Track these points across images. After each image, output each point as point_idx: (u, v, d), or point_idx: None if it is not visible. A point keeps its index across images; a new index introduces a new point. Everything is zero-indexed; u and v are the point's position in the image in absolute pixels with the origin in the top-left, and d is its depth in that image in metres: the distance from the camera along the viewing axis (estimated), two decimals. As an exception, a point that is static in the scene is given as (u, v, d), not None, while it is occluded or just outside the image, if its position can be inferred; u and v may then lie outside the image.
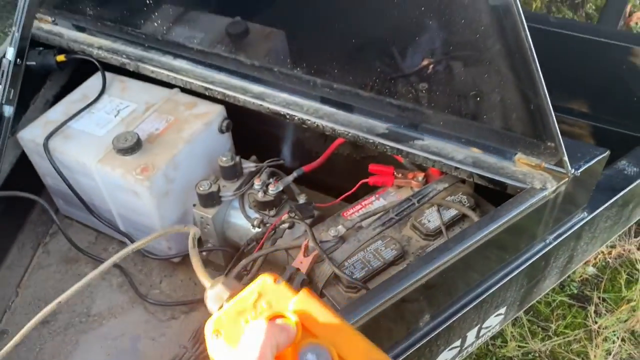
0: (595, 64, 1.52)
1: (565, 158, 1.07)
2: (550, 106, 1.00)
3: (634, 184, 1.36)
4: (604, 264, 2.15)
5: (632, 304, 1.98)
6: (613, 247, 2.19)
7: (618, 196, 1.34)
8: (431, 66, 1.17)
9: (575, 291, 2.06)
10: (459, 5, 1.00)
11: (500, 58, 1.01)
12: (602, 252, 2.18)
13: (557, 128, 1.02)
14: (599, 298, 2.03)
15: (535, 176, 1.11)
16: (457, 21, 1.02)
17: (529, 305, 1.48)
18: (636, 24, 3.33)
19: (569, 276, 2.10)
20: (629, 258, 2.16)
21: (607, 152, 1.16)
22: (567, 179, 1.10)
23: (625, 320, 1.95)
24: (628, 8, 3.43)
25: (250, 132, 1.59)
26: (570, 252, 1.37)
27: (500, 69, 1.03)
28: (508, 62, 1.00)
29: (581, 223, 1.28)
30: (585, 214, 1.29)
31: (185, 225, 1.01)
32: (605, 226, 1.41)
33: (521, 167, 1.13)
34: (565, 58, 1.51)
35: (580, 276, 2.11)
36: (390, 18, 1.14)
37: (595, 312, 1.98)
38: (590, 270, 2.13)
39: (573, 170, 1.09)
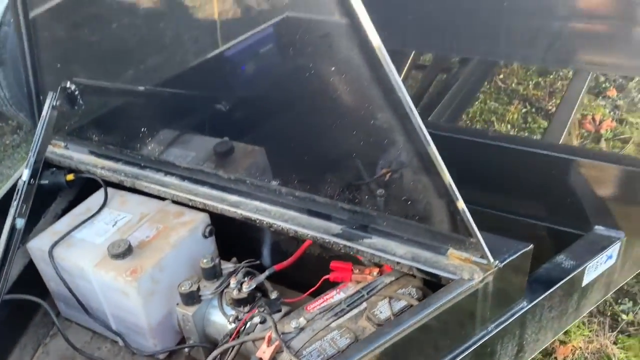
0: (530, 171, 1.72)
1: (487, 252, 1.23)
2: (465, 208, 1.18)
3: (571, 275, 1.50)
4: (582, 359, 2.21)
5: (609, 397, 2.02)
6: (591, 342, 2.26)
7: (556, 287, 1.48)
8: (375, 178, 1.38)
9: (555, 386, 2.12)
10: (385, 131, 1.23)
11: (421, 173, 1.22)
12: (580, 347, 2.25)
13: (474, 226, 1.20)
14: (577, 393, 2.07)
15: (465, 268, 1.27)
16: (385, 144, 1.25)
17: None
18: (606, 131, 3.58)
19: (547, 371, 2.16)
20: (605, 353, 2.22)
21: (530, 246, 1.32)
22: (492, 270, 1.25)
23: (604, 415, 1.98)
24: (598, 117, 3.71)
25: (233, 235, 1.79)
26: (519, 341, 1.49)
27: (423, 181, 1.23)
28: (427, 176, 1.21)
29: (521, 312, 1.42)
30: (525, 303, 1.43)
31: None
32: (551, 316, 1.54)
33: (453, 260, 1.30)
34: (504, 167, 1.73)
35: (559, 371, 2.17)
36: (335, 142, 1.38)
37: (573, 407, 2.02)
38: (569, 365, 2.19)
39: (497, 262, 1.26)
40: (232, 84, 1.78)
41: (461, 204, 1.18)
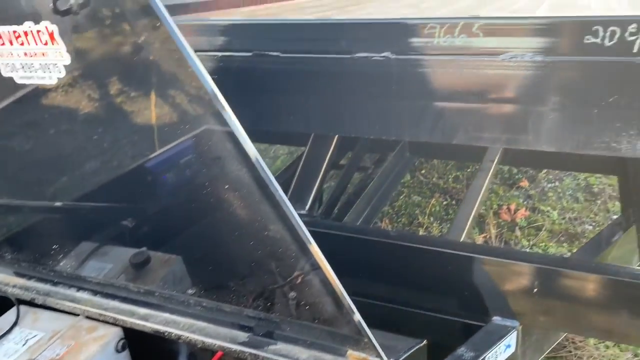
0: (430, 268, 1.84)
1: (380, 351, 1.30)
2: (355, 310, 1.26)
3: (470, 367, 1.58)
4: None
5: None
6: None
7: (457, 379, 1.55)
8: (270, 288, 1.45)
9: None
10: (278, 240, 1.32)
11: (314, 278, 1.30)
12: None
13: (366, 328, 1.28)
14: None
15: (363, 368, 1.33)
16: (279, 252, 1.33)
17: None
18: (521, 219, 3.82)
19: None
20: None
21: (424, 342, 1.40)
22: (387, 369, 1.32)
23: None
24: (513, 206, 3.97)
25: (150, 348, 1.79)
26: None
27: (316, 286, 1.32)
28: (319, 282, 1.29)
29: (424, 407, 1.47)
30: (428, 398, 1.49)
31: None
32: (457, 408, 1.60)
33: (352, 361, 1.36)
34: (407, 264, 1.85)
35: None
36: (239, 252, 1.46)
37: None
38: None
39: (392, 360, 1.33)
40: (151, 195, 1.85)
41: (352, 308, 1.26)
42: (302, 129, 2.18)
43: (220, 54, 2.16)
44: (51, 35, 1.26)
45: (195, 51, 2.31)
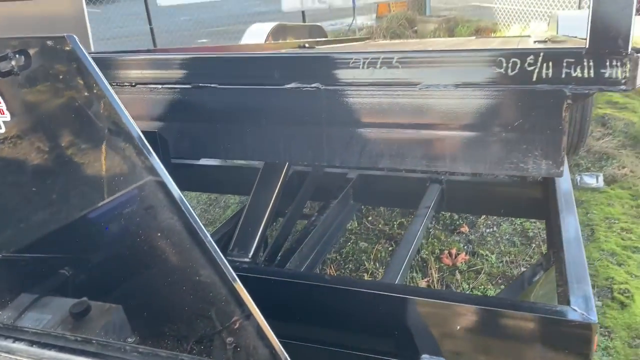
0: (361, 309, 1.93)
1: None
2: (286, 356, 1.34)
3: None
4: None
5: None
6: None
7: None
8: (204, 333, 1.51)
9: None
10: (209, 285, 1.39)
11: (245, 323, 1.38)
12: None
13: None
14: None
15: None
16: (211, 297, 1.40)
17: None
18: (461, 263, 3.97)
19: None
20: None
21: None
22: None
23: None
24: (454, 251, 4.13)
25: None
26: None
27: (246, 332, 1.39)
28: (249, 327, 1.37)
29: None
30: None
31: None
32: None
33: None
34: (340, 306, 1.93)
35: None
36: (173, 298, 1.52)
37: None
38: None
39: (319, 399, 1.39)
40: (86, 245, 1.89)
41: (282, 351, 1.33)
42: (239, 157, 2.28)
43: (161, 86, 2.25)
44: (-8, 94, 1.34)
45: (138, 84, 2.43)
